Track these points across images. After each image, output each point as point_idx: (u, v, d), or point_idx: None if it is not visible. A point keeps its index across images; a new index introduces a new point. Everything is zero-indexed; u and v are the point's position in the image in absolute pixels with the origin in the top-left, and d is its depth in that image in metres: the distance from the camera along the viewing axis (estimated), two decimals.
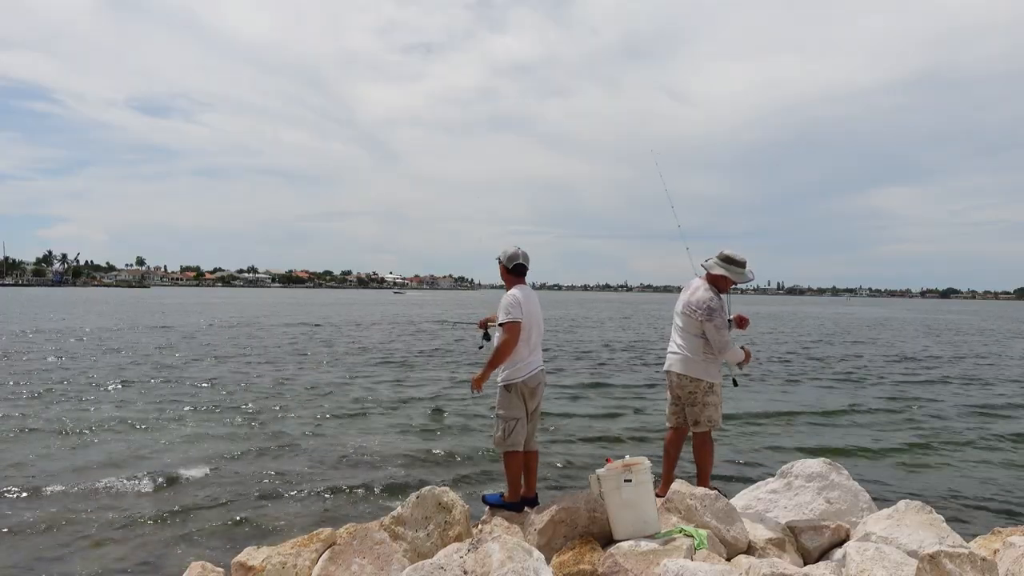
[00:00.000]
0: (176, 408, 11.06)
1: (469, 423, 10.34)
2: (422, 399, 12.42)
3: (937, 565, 3.19)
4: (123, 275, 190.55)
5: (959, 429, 10.56)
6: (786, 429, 10.37)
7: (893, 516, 4.24)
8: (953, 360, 21.69)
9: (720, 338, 4.68)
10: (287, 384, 13.96)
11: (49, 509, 6.24)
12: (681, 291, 5.03)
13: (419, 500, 4.29)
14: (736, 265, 4.83)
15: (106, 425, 9.68)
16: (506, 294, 4.50)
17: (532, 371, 4.49)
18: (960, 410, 12.27)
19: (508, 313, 4.37)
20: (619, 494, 4.00)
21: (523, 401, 4.47)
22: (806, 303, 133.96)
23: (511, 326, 4.36)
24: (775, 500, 4.92)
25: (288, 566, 3.83)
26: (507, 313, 4.37)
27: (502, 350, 4.38)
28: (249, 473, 7.51)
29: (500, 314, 4.41)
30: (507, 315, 4.37)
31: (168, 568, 5.09)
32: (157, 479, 7.18)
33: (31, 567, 5.09)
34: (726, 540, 4.08)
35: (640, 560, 3.67)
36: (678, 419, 5.00)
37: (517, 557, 3.59)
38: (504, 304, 4.41)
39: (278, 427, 9.82)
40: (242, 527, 5.95)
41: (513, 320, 4.36)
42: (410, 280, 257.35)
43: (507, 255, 4.59)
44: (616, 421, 10.87)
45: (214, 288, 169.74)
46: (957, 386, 15.44)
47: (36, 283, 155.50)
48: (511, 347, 4.37)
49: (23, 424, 9.66)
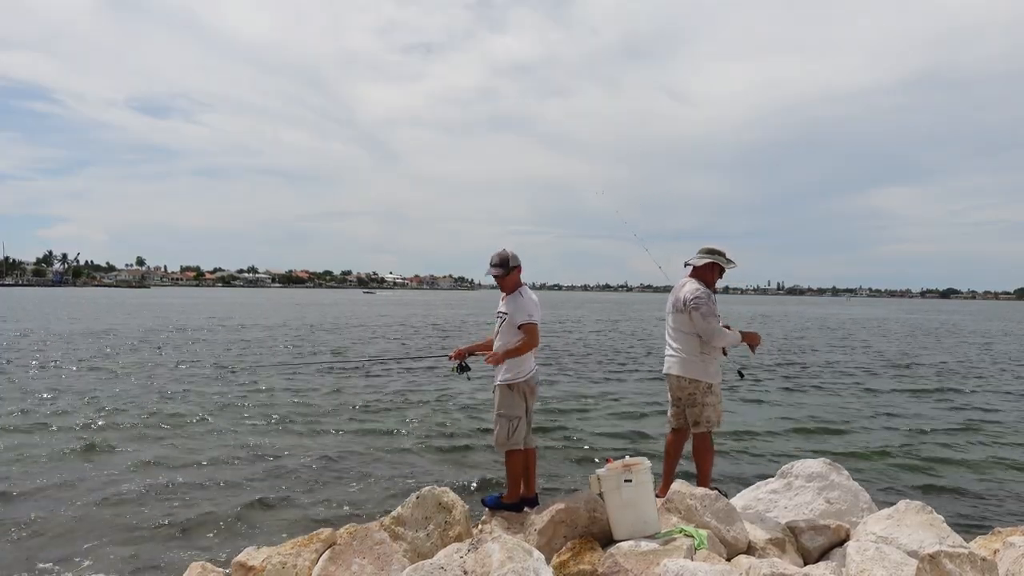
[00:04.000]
0: (175, 408, 11.07)
1: (469, 423, 10.34)
2: (422, 399, 12.42)
3: (937, 565, 3.19)
4: (123, 275, 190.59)
5: (959, 429, 10.56)
6: (786, 429, 10.37)
7: (893, 516, 4.25)
8: (953, 360, 21.69)
9: (707, 325, 4.73)
10: (286, 385, 13.95)
11: (49, 510, 6.24)
12: (670, 293, 5.09)
13: (419, 500, 4.29)
14: (718, 254, 5.00)
15: (106, 426, 9.68)
16: (525, 296, 4.54)
17: (532, 371, 4.57)
18: (960, 410, 12.27)
19: (530, 315, 4.47)
20: (619, 494, 4.00)
21: (524, 400, 4.51)
22: (806, 303, 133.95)
23: (536, 328, 4.48)
24: (775, 500, 4.92)
25: (288, 566, 3.83)
26: (530, 315, 4.47)
27: (524, 349, 4.46)
28: (249, 474, 7.51)
29: (522, 315, 4.46)
30: (530, 317, 4.47)
31: (168, 568, 5.10)
32: (157, 480, 7.18)
33: (31, 568, 5.09)
34: (726, 540, 4.08)
35: (640, 560, 3.66)
36: (679, 421, 5.02)
37: (517, 557, 3.59)
38: (527, 306, 4.49)
39: (277, 428, 9.82)
40: (242, 527, 5.95)
41: (536, 322, 4.48)
42: (410, 280, 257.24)
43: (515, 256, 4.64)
44: (616, 421, 10.86)
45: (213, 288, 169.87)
46: (957, 386, 15.44)
47: (36, 283, 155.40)
48: (530, 349, 4.48)
49: (21, 424, 9.67)
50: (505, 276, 4.57)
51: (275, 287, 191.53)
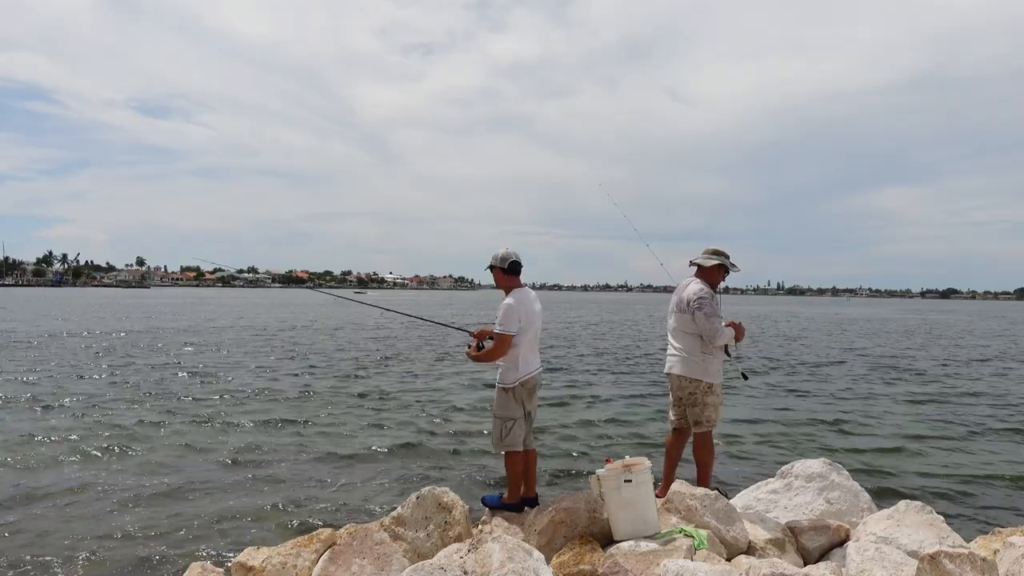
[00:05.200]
0: (175, 408, 11.06)
1: (469, 423, 10.33)
2: (422, 399, 12.42)
3: (937, 565, 3.19)
4: (123, 275, 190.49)
5: (959, 429, 10.55)
6: (786, 429, 10.36)
7: (893, 516, 4.25)
8: (953, 360, 21.69)
9: (710, 325, 4.77)
10: (284, 385, 13.95)
11: (48, 511, 6.24)
12: (673, 293, 5.11)
13: (419, 500, 4.29)
14: (723, 255, 5.05)
15: (105, 426, 9.68)
16: (510, 301, 4.38)
17: (531, 372, 4.51)
18: (960, 410, 12.27)
19: (500, 324, 4.33)
20: (619, 494, 4.00)
21: (521, 402, 4.48)
22: (806, 303, 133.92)
23: (504, 339, 4.34)
24: (775, 500, 4.92)
25: (288, 566, 3.83)
26: (500, 324, 4.34)
27: (487, 358, 4.45)
28: (249, 474, 7.50)
29: (497, 323, 4.37)
30: (499, 326, 4.34)
31: (168, 568, 5.09)
32: (156, 480, 7.18)
33: (31, 568, 5.09)
34: (726, 540, 4.08)
35: (640, 560, 3.66)
36: (681, 420, 5.05)
37: (517, 557, 3.59)
38: (501, 314, 4.34)
39: (277, 428, 9.82)
40: (242, 527, 5.94)
41: (505, 333, 4.34)
42: (410, 280, 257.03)
43: (499, 256, 4.49)
44: (616, 421, 10.86)
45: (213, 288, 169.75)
46: (957, 386, 15.44)
47: (36, 283, 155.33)
48: (496, 358, 4.40)
49: (20, 424, 9.67)
50: (492, 271, 4.55)
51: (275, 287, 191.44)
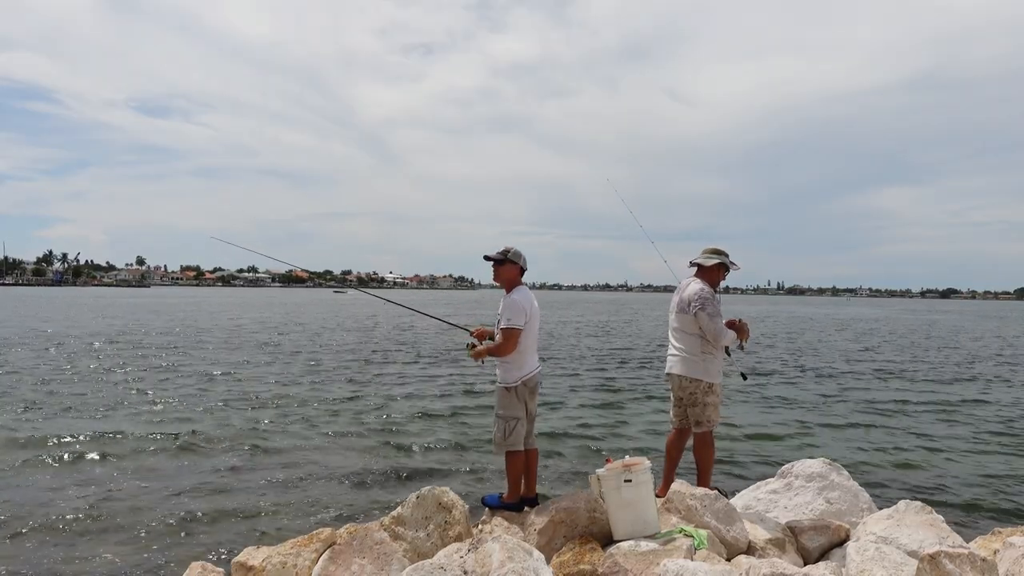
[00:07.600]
0: (173, 408, 11.06)
1: (469, 423, 10.33)
2: (421, 398, 12.42)
3: (937, 565, 3.19)
4: (123, 275, 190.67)
5: (959, 429, 10.56)
6: (786, 429, 10.36)
7: (893, 516, 4.25)
8: (952, 360, 21.69)
9: (713, 326, 4.77)
10: (283, 386, 13.95)
11: (48, 510, 6.23)
12: (674, 293, 5.12)
13: (419, 500, 4.29)
14: (723, 254, 5.05)
15: (104, 426, 9.67)
16: (516, 297, 4.46)
17: (532, 371, 4.53)
18: (960, 410, 12.27)
19: (509, 319, 4.39)
20: (619, 494, 4.00)
21: (523, 401, 4.49)
22: (806, 303, 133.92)
23: (514, 332, 4.38)
24: (775, 500, 4.93)
25: (288, 566, 3.83)
26: (508, 319, 4.39)
27: (497, 353, 4.45)
28: (248, 474, 7.50)
29: (504, 318, 4.40)
30: (508, 321, 4.39)
31: (168, 568, 5.09)
32: (156, 480, 7.18)
33: (31, 568, 5.09)
34: (726, 540, 4.08)
35: (640, 560, 3.66)
36: (682, 420, 5.06)
37: (517, 557, 3.59)
38: (511, 309, 4.40)
39: (276, 428, 9.81)
40: (242, 527, 5.94)
41: (515, 327, 4.38)
42: (410, 279, 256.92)
43: (523, 256, 4.58)
44: (616, 421, 10.86)
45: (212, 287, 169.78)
46: (957, 386, 15.44)
47: (36, 283, 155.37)
48: (505, 352, 4.42)
49: (20, 425, 9.67)
50: (500, 265, 4.53)
51: (275, 287, 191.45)
